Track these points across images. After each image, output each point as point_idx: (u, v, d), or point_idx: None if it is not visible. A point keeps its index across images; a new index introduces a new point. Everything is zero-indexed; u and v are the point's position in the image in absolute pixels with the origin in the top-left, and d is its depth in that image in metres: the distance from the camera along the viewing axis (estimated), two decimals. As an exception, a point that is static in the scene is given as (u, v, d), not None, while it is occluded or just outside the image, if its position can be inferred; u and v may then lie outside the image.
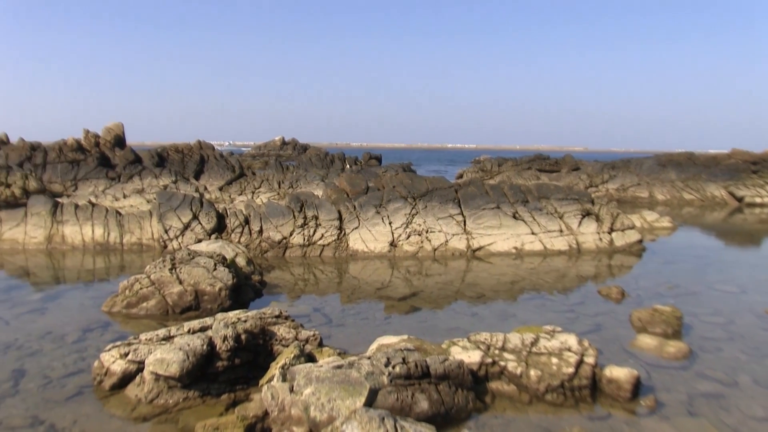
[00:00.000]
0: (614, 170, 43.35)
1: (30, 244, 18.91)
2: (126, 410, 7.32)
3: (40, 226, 19.23)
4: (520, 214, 19.36)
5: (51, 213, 19.55)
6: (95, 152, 40.26)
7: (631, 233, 19.75)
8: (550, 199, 20.21)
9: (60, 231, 19.19)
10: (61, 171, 38.57)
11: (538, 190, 20.69)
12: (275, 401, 6.45)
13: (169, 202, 19.58)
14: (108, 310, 11.66)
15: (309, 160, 52.27)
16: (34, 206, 19.82)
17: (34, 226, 19.23)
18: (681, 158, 43.88)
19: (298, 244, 18.05)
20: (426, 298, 13.34)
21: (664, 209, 33.70)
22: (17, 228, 19.25)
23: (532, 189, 20.83)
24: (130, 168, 39.31)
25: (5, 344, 9.73)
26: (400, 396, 6.58)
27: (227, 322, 8.54)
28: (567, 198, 20.28)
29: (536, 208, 19.66)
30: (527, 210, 19.53)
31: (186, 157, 43.75)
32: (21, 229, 19.23)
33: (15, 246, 18.83)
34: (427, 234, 18.50)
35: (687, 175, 41.33)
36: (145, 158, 41.94)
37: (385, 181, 20.98)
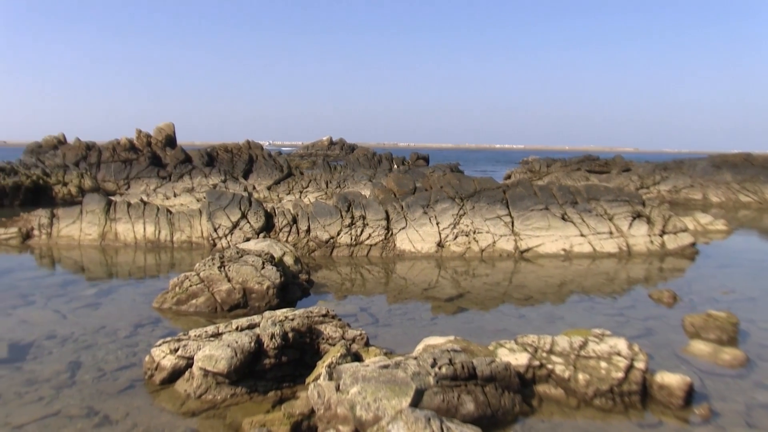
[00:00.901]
0: (666, 171, 42.39)
1: (85, 240, 19.41)
2: (175, 404, 7.46)
3: (95, 224, 19.71)
4: (569, 216, 19.11)
5: (105, 211, 20.03)
6: (147, 152, 41.10)
7: (684, 236, 19.33)
8: (600, 200, 19.90)
9: (113, 228, 19.65)
10: (114, 170, 39.47)
11: (588, 192, 20.40)
12: (321, 399, 6.49)
13: (219, 201, 19.86)
14: (158, 306, 11.89)
15: (356, 160, 52.47)
16: (88, 204, 20.33)
17: (89, 224, 19.73)
18: (737, 159, 42.67)
19: (345, 243, 18.13)
20: (473, 299, 13.27)
21: (718, 212, 32.86)
22: (73, 225, 19.77)
23: (582, 190, 20.54)
24: (181, 167, 40.03)
25: (63, 337, 10.03)
26: (446, 397, 6.55)
27: (275, 320, 8.62)
28: (617, 199, 19.95)
29: (585, 209, 19.39)
30: (576, 211, 19.27)
31: (235, 157, 44.34)
32: (77, 226, 19.75)
33: (71, 242, 19.35)
34: (474, 235, 18.40)
35: (744, 177, 40.15)
36: (195, 158, 42.64)
37: (432, 182, 20.93)
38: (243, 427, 6.72)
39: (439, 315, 11.98)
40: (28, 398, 7.64)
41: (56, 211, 20.64)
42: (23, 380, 8.21)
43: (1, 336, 10.05)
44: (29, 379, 8.24)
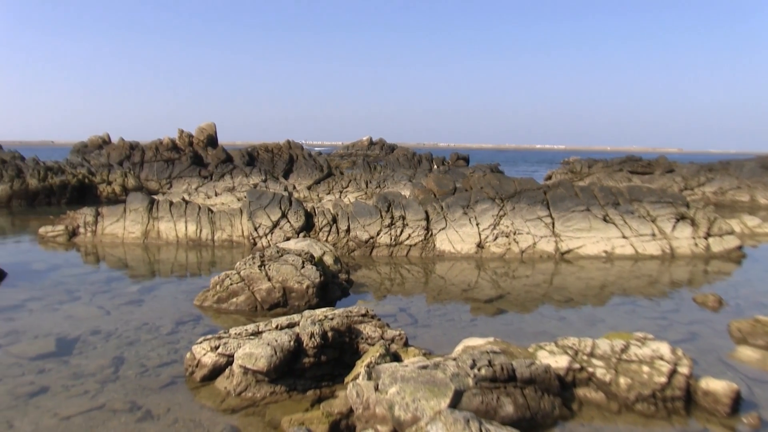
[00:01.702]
0: (711, 173, 41.45)
1: (128, 238, 19.77)
2: (216, 401, 7.55)
3: (138, 222, 20.07)
4: (611, 217, 18.85)
5: (147, 210, 20.38)
6: (189, 151, 41.68)
7: (730, 239, 18.93)
8: (643, 201, 19.59)
9: (156, 227, 19.98)
10: (157, 169, 40.10)
11: (630, 193, 20.10)
12: (360, 399, 6.51)
13: (259, 201, 20.05)
14: (200, 304, 12.05)
15: (396, 160, 52.50)
16: (132, 203, 20.71)
17: (132, 222, 20.09)
18: (788, 159, 41.56)
19: (384, 243, 18.15)
20: (513, 300, 13.18)
21: (767, 214, 32.11)
22: (117, 223, 20.15)
23: (624, 191, 20.25)
24: (222, 167, 40.49)
25: (107, 333, 10.23)
26: (485, 399, 6.52)
27: (314, 319, 8.67)
28: (660, 201, 19.62)
29: (628, 211, 19.11)
30: (618, 213, 19.01)
31: (275, 157, 44.71)
32: (120, 224, 20.12)
33: (115, 240, 19.74)
34: (514, 236, 18.27)
35: (795, 178, 39.10)
36: (236, 157, 43.11)
37: (472, 182, 20.85)
38: (282, 425, 6.78)
39: (478, 316, 11.92)
40: (74, 391, 7.83)
41: (101, 209, 21.06)
42: (70, 374, 8.42)
43: (49, 330, 10.32)
44: (75, 373, 8.44)
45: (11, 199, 30.84)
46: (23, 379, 8.24)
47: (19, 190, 31.11)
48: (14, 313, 11.51)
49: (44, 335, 10.09)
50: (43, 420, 6.99)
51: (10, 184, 31.14)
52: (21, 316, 11.28)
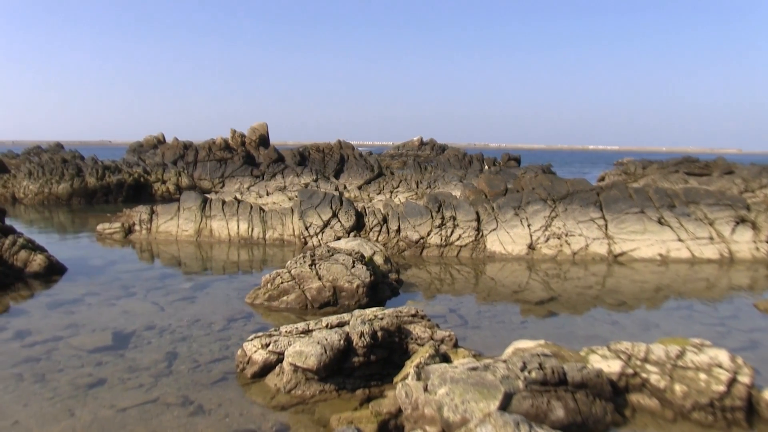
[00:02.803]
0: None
1: (182, 236, 20.15)
2: (266, 398, 7.64)
3: (191, 220, 20.43)
4: (666, 220, 18.45)
5: (201, 208, 20.73)
6: (241, 151, 42.26)
7: (793, 243, 18.34)
8: (700, 204, 19.12)
9: (208, 225, 20.32)
10: (210, 168, 40.77)
11: (686, 195, 19.64)
12: (409, 399, 6.50)
13: (310, 200, 20.21)
14: (251, 301, 12.20)
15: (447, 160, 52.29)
16: (186, 201, 21.09)
17: (186, 220, 20.46)
18: None
19: (435, 244, 18.11)
20: (564, 303, 13.00)
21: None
22: (171, 221, 20.55)
23: (680, 193, 19.80)
24: (274, 166, 40.94)
25: (161, 328, 10.46)
26: (536, 402, 6.45)
27: (364, 318, 8.70)
28: (718, 203, 19.12)
29: (684, 213, 18.67)
30: (674, 215, 18.58)
31: (326, 157, 44.99)
32: (174, 222, 20.51)
33: (169, 237, 20.13)
34: (566, 237, 18.03)
35: None
36: (288, 157, 43.54)
37: (524, 183, 20.66)
38: (331, 424, 6.81)
39: (528, 318, 11.80)
40: (130, 384, 8.02)
41: (155, 207, 21.51)
42: (125, 367, 8.63)
43: (106, 324, 10.60)
44: (131, 367, 8.65)
45: (71, 197, 31.75)
46: (82, 370, 8.50)
47: (79, 188, 32.01)
48: (74, 306, 11.88)
49: (102, 329, 10.37)
50: (100, 411, 7.20)
51: (71, 182, 32.05)
52: (80, 310, 11.62)
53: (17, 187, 32.66)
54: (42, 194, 31.79)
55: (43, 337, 9.93)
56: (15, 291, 13.15)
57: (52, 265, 14.69)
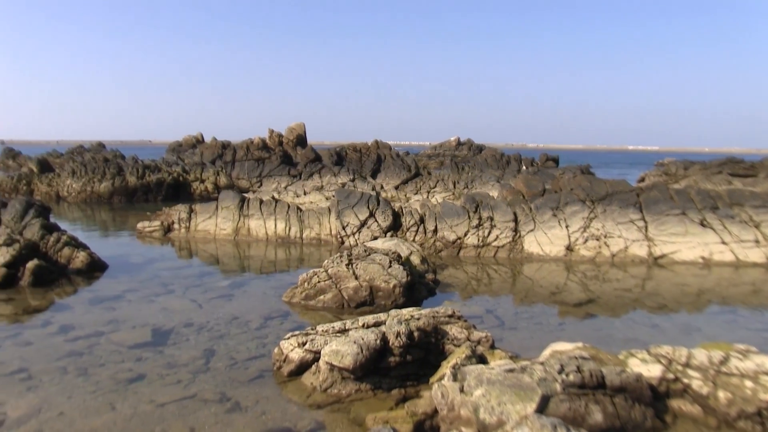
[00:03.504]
0: (824, 176, 39.12)
1: (220, 235, 20.36)
2: (302, 396, 7.68)
3: (229, 219, 20.63)
4: (709, 222, 18.09)
5: (238, 207, 20.92)
6: (279, 151, 42.56)
7: (841, 247, 17.84)
8: (744, 206, 18.71)
9: (246, 224, 20.50)
10: (248, 168, 41.12)
11: (730, 196, 19.24)
12: (445, 400, 6.47)
13: (347, 200, 20.26)
14: (288, 300, 12.28)
15: (484, 160, 51.99)
16: (224, 200, 21.31)
17: (224, 219, 20.68)
18: None
19: (472, 244, 18.03)
20: (602, 305, 12.84)
21: None
22: (209, 220, 20.78)
23: (723, 195, 19.40)
24: (311, 166, 41.13)
25: (199, 326, 10.58)
26: (573, 405, 6.37)
27: (401, 318, 8.69)
28: (765, 205, 18.67)
29: (727, 215, 18.29)
30: (717, 217, 18.22)
31: (363, 156, 45.07)
32: (212, 221, 20.74)
33: (207, 236, 20.37)
34: (605, 239, 17.80)
35: None
36: (325, 157, 43.71)
37: (562, 183, 20.45)
38: (366, 423, 6.82)
39: (566, 320, 11.68)
40: (168, 380, 8.14)
41: (194, 206, 21.79)
42: (164, 363, 8.75)
43: (146, 321, 10.76)
44: (169, 363, 8.77)
45: (112, 196, 32.32)
46: (123, 365, 8.65)
47: (120, 187, 32.56)
48: (115, 303, 12.08)
49: (141, 325, 10.53)
50: (140, 405, 7.32)
51: (112, 181, 32.62)
52: (120, 306, 11.83)
53: (61, 186, 33.35)
54: (84, 193, 32.42)
55: (86, 332, 10.13)
56: (59, 287, 13.45)
57: (94, 262, 14.97)
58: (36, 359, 8.90)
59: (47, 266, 13.92)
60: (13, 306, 11.90)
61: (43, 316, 11.27)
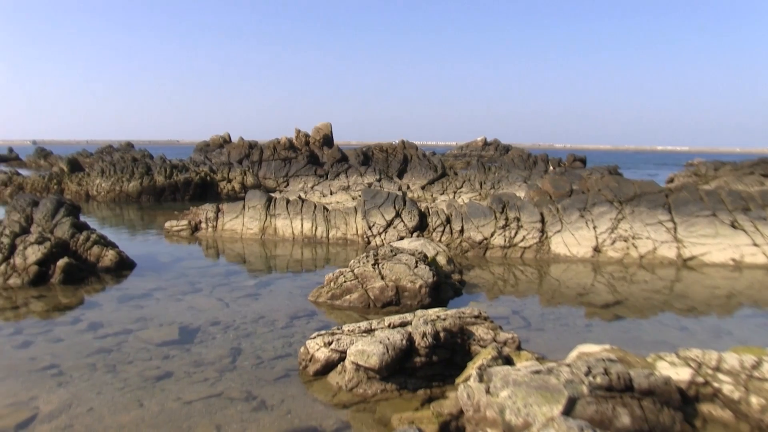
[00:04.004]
0: None
1: (246, 234, 20.49)
2: (327, 396, 7.69)
3: (256, 219, 20.75)
4: (740, 223, 17.82)
5: (265, 207, 21.03)
6: (305, 151, 42.72)
7: None
8: (777, 207, 18.40)
9: (273, 223, 20.60)
10: (274, 168, 41.33)
11: (763, 198, 18.92)
12: (471, 401, 6.44)
13: (374, 200, 20.27)
14: (314, 299, 12.32)
15: (511, 161, 51.78)
16: (251, 200, 21.45)
17: (251, 219, 20.80)
18: None
19: (498, 245, 17.95)
20: (630, 306, 12.71)
21: None
22: (236, 219, 20.92)
23: (755, 196, 19.09)
24: (337, 166, 41.24)
25: (226, 324, 10.65)
26: (600, 408, 6.30)
27: (427, 319, 8.67)
28: (797, 207, 18.36)
29: (760, 217, 17.99)
30: (749, 219, 17.93)
31: (390, 156, 45.08)
32: (239, 220, 20.87)
33: (234, 235, 20.50)
34: (633, 240, 17.62)
35: None
36: (351, 157, 43.80)
37: (590, 184, 20.27)
38: (392, 423, 6.81)
39: (593, 321, 11.58)
40: (195, 378, 8.20)
41: (221, 205, 21.96)
42: (191, 361, 8.83)
43: (173, 319, 10.87)
44: (196, 361, 8.84)
45: (141, 195, 32.66)
46: (150, 363, 8.75)
47: (148, 186, 32.90)
48: (142, 301, 12.21)
49: (169, 323, 10.63)
50: (167, 402, 7.39)
51: (140, 180, 32.97)
52: (148, 304, 11.95)
53: (91, 185, 33.78)
54: (113, 192, 32.80)
55: (114, 330, 10.26)
56: (88, 284, 13.63)
57: (123, 261, 15.15)
58: (66, 355, 9.04)
59: (77, 264, 14.12)
60: (45, 303, 12.09)
61: (73, 313, 11.44)
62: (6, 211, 17.67)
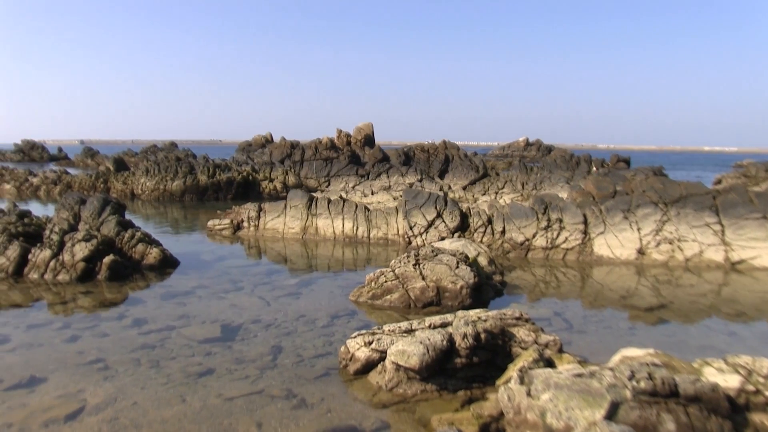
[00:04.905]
0: None
1: (288, 233, 20.62)
2: (367, 395, 7.70)
3: (297, 218, 20.88)
4: (791, 227, 17.34)
5: (307, 206, 21.15)
6: (347, 150, 42.88)
7: None
8: (831, 210, 17.86)
9: (314, 223, 20.70)
10: (316, 167, 41.55)
11: (815, 200, 18.40)
12: (511, 403, 6.38)
13: (415, 200, 20.24)
14: (354, 299, 12.34)
15: (554, 161, 51.20)
16: (292, 200, 21.58)
17: (292, 218, 20.93)
18: None
19: (540, 246, 17.77)
20: (675, 310, 12.46)
21: None
22: (278, 219, 21.07)
23: (808, 198, 18.57)
24: (378, 166, 41.28)
25: (267, 323, 10.73)
26: (644, 413, 6.18)
27: (468, 320, 8.62)
28: None
29: (811, 220, 17.49)
30: (800, 222, 17.44)
31: (431, 157, 44.99)
32: (281, 219, 21.02)
33: (275, 234, 20.66)
34: (678, 242, 17.28)
35: None
36: (393, 157, 43.81)
37: (634, 185, 19.95)
38: (432, 424, 6.79)
39: (637, 325, 11.38)
40: (237, 375, 8.28)
41: (263, 205, 22.14)
42: (233, 358, 8.91)
43: (215, 317, 10.99)
44: (238, 358, 8.92)
45: (184, 194, 33.12)
46: (193, 359, 8.86)
47: (191, 185, 33.34)
48: (185, 298, 12.38)
49: (211, 321, 10.76)
50: (209, 399, 7.48)
51: (184, 180, 33.43)
52: (191, 302, 12.11)
53: (135, 184, 34.38)
54: (157, 191, 33.33)
55: (158, 326, 10.42)
56: (133, 281, 13.87)
57: (166, 259, 15.37)
58: (112, 350, 9.21)
59: (122, 261, 14.37)
60: (91, 299, 12.35)
61: (119, 309, 11.65)
62: (55, 209, 18.15)
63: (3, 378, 8.12)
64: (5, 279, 13.62)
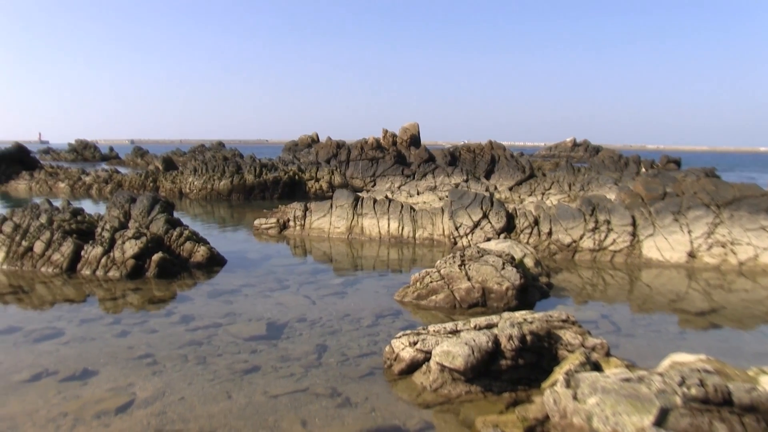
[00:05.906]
0: None
1: (333, 233, 20.71)
2: (412, 395, 7.68)
3: (343, 218, 20.95)
4: None
5: (352, 206, 21.21)
6: (393, 151, 42.90)
7: None
8: None
9: (359, 223, 20.75)
10: (361, 167, 41.66)
11: None
12: (557, 407, 6.30)
13: (461, 201, 20.15)
14: (400, 299, 12.34)
15: (601, 162, 50.47)
16: (338, 199, 21.67)
17: (338, 218, 21.02)
18: None
19: (587, 248, 17.52)
20: (728, 315, 12.15)
21: None
22: (324, 218, 21.18)
23: None
24: (424, 166, 41.21)
25: (312, 321, 10.79)
26: (695, 421, 6.03)
27: (513, 321, 8.54)
28: None
29: None
30: None
31: (477, 157, 44.76)
32: (327, 219, 21.13)
33: (321, 234, 20.77)
34: (731, 246, 16.86)
35: None
36: (438, 157, 43.70)
37: (684, 187, 19.54)
38: (476, 425, 6.74)
39: (687, 329, 11.13)
40: (282, 372, 8.34)
41: (309, 204, 22.29)
42: (278, 356, 8.98)
43: (261, 315, 11.09)
44: (283, 356, 8.99)
45: (231, 193, 33.55)
46: (239, 356, 8.95)
47: (238, 184, 33.75)
48: (232, 296, 12.52)
49: (257, 319, 10.86)
50: (255, 396, 7.55)
51: (231, 179, 33.86)
52: (237, 300, 12.24)
53: (184, 183, 34.95)
54: (205, 190, 33.83)
55: (205, 323, 10.56)
56: (180, 279, 14.09)
57: (214, 257, 15.57)
58: (160, 346, 9.38)
59: (170, 259, 14.61)
60: (140, 295, 12.58)
61: (167, 306, 11.85)
62: (107, 207, 18.57)
63: (59, 369, 8.37)
64: (60, 274, 13.99)
